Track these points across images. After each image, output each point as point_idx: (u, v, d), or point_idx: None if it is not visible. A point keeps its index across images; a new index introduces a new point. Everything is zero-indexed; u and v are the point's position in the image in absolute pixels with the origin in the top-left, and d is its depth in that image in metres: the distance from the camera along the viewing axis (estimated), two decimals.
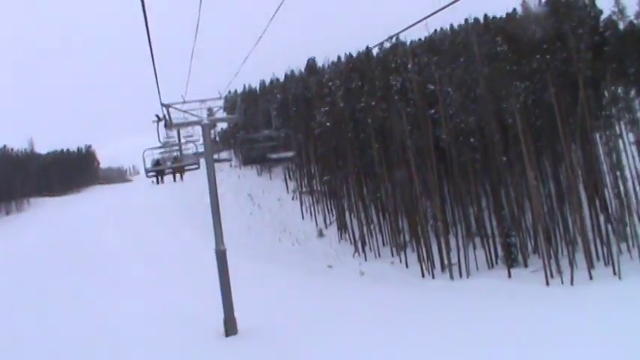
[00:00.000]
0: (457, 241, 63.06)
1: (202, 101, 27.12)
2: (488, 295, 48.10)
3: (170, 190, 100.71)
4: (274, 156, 26.85)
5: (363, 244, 76.34)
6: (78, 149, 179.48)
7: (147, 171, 29.32)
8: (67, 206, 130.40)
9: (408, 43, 72.26)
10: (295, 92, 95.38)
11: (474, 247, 62.78)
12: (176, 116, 27.84)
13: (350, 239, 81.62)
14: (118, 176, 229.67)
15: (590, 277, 50.54)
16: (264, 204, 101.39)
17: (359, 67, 76.69)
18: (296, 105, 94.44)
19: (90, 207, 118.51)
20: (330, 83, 79.82)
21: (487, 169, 63.02)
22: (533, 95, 54.84)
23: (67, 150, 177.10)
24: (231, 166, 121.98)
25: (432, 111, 64.82)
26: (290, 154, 30.75)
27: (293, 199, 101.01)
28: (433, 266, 62.47)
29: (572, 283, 50.08)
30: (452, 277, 58.98)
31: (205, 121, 24.53)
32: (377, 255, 74.64)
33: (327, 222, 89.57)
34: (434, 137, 63.22)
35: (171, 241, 78.94)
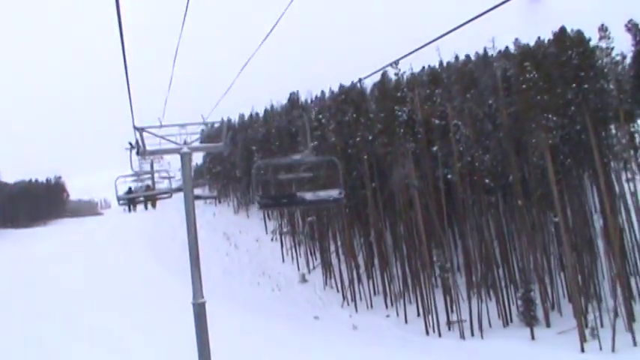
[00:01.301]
0: (462, 294, 54.30)
1: (182, 126, 20.77)
2: None
3: (142, 222, 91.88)
4: (313, 196, 14.97)
5: (353, 292, 67.07)
6: (47, 180, 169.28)
7: (119, 199, 26.11)
8: (31, 240, 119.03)
9: (407, 73, 63.85)
10: (279, 125, 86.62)
11: (481, 300, 53.68)
12: (152, 142, 21.87)
13: (336, 286, 72.32)
14: (88, 209, 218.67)
15: (634, 343, 41.86)
16: (242, 244, 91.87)
17: (354, 99, 68.32)
18: (279, 140, 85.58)
19: (56, 243, 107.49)
20: (320, 116, 71.23)
21: (497, 212, 54.45)
22: (561, 130, 46.60)
23: (36, 180, 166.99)
24: (205, 202, 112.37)
25: (435, 147, 56.79)
26: (336, 193, 16.14)
27: (273, 240, 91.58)
28: (437, 322, 53.39)
29: (613, 349, 41.34)
30: (462, 337, 50.03)
31: (185, 149, 18.38)
32: (369, 305, 65.31)
33: (311, 266, 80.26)
34: (439, 177, 54.94)
35: (142, 284, 69.46)
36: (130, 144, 22.93)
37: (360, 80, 71.46)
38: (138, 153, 20.65)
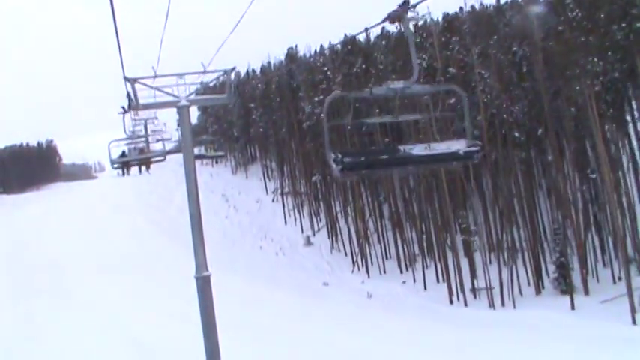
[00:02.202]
0: (487, 259, 48.96)
1: (180, 75, 18.55)
2: (559, 336, 34.25)
3: (137, 186, 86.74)
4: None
5: (364, 256, 61.65)
6: (38, 144, 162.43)
7: (112, 162, 27.50)
8: (23, 206, 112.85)
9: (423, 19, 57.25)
10: (280, 81, 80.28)
11: (509, 266, 48.18)
12: (145, 96, 19.38)
13: (344, 249, 66.84)
14: (82, 173, 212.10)
15: None
16: (241, 206, 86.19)
17: (363, 48, 62.09)
18: (280, 95, 79.36)
19: (48, 208, 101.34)
20: (326, 68, 64.99)
21: (526, 169, 48.79)
22: (603, 76, 40.66)
23: (27, 144, 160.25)
24: (202, 163, 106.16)
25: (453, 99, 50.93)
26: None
27: (273, 200, 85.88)
28: (463, 290, 48.08)
29: None
30: (492, 305, 44.75)
31: (183, 102, 16.88)
32: (381, 270, 59.85)
33: (315, 228, 74.78)
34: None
35: (137, 250, 64.69)
36: (123, 108, 23.71)
37: (366, 29, 65.71)
38: (130, 107, 19.18)
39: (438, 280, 52.31)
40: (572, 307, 40.74)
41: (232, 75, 18.60)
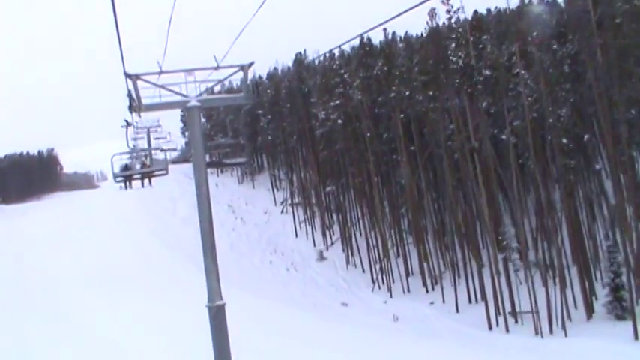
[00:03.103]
0: (528, 279, 43.39)
1: (189, 71, 15.21)
2: None
3: (139, 198, 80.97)
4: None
5: (387, 273, 56.06)
6: (39, 153, 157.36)
7: (115, 176, 25.13)
8: (22, 217, 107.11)
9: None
10: (290, 87, 74.96)
11: (542, 285, 42.56)
12: (150, 94, 16.06)
13: (361, 265, 61.34)
14: (84, 182, 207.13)
15: None
16: (249, 218, 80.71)
17: (384, 50, 56.71)
18: (291, 101, 73.98)
19: (48, 219, 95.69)
20: (342, 71, 59.59)
21: (570, 179, 43.17)
22: None
23: (27, 153, 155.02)
24: (221, 171, 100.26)
25: (485, 103, 45.73)
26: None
27: (283, 212, 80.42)
28: (500, 313, 42.47)
29: None
30: (539, 333, 39.08)
31: (193, 102, 14.02)
32: (404, 289, 54.23)
33: (328, 241, 69.30)
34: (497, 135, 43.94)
35: (139, 266, 59.46)
36: (126, 121, 22.46)
37: (385, 31, 60.57)
38: (131, 108, 15.81)
39: (470, 301, 46.86)
40: (637, 337, 35.01)
41: (250, 71, 15.14)
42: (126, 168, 27.44)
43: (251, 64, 14.66)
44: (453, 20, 43.99)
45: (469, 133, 43.41)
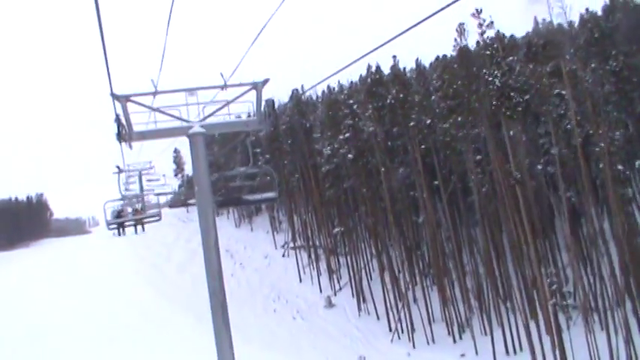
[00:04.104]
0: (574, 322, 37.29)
1: (191, 91, 12.56)
2: None
3: (132, 244, 75.46)
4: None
5: (408, 320, 49.61)
6: (28, 198, 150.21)
7: (108, 223, 24.43)
8: (10, 264, 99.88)
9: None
10: (290, 121, 69.25)
11: (600, 332, 36.53)
12: (143, 121, 13.07)
13: (375, 312, 54.88)
14: (75, 228, 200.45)
15: None
16: (248, 263, 74.41)
17: (398, 76, 51.09)
18: (291, 137, 68.22)
19: (37, 267, 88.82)
20: (351, 101, 53.94)
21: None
22: None
23: (16, 199, 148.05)
24: (238, 213, 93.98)
25: (510, 131, 40.00)
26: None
27: (284, 255, 74.12)
28: None
29: None
30: None
31: (197, 128, 11.81)
32: (428, 339, 47.75)
33: (336, 286, 62.93)
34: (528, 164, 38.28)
35: (133, 316, 53.58)
36: (118, 167, 22.98)
37: (394, 58, 55.52)
38: (120, 137, 12.31)
39: (508, 352, 40.69)
40: None
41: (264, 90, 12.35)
42: (119, 214, 26.71)
43: (266, 81, 11.72)
44: (485, 36, 38.34)
45: (509, 163, 37.50)
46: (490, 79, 36.10)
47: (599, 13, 52.03)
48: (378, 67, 54.32)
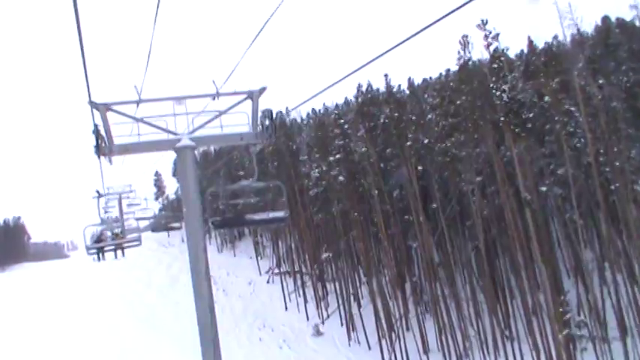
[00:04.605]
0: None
1: (179, 100, 11.38)
2: None
3: (112, 269, 71.87)
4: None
5: (395, 350, 46.60)
6: (4, 221, 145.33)
7: (87, 248, 22.67)
8: None
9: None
10: (277, 142, 66.56)
11: None
12: (125, 133, 11.61)
13: (366, 341, 51.81)
14: (53, 252, 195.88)
15: None
16: (232, 289, 71.05)
17: (392, 93, 48.59)
18: (277, 160, 65.48)
19: (12, 294, 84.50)
20: (342, 121, 51.32)
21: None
22: None
23: None
24: (220, 238, 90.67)
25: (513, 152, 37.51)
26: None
27: (269, 282, 71.02)
28: None
29: None
30: None
31: (186, 141, 10.61)
32: None
33: (324, 314, 59.84)
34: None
35: (112, 347, 50.19)
36: (98, 192, 23.28)
37: (386, 77, 52.99)
38: (99, 151, 11.03)
39: None
40: None
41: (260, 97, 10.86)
42: (98, 239, 25.37)
43: (263, 90, 10.50)
44: (491, 48, 35.83)
45: (516, 183, 34.96)
46: (498, 93, 33.55)
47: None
48: (369, 86, 51.95)
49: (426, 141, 42.09)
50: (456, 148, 38.49)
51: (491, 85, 34.36)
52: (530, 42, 50.11)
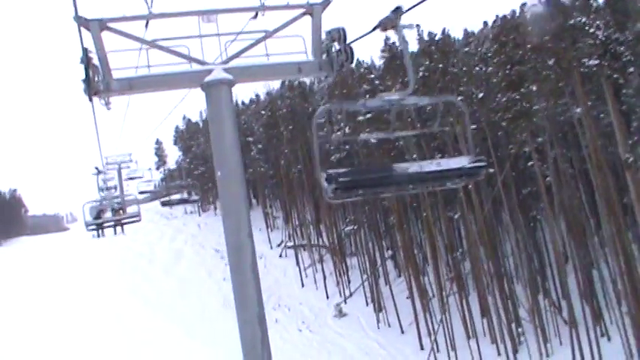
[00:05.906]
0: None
1: (207, 14, 7.41)
2: None
3: (112, 243, 65.72)
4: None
5: (434, 333, 39.93)
6: (0, 193, 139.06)
7: (87, 224, 22.38)
8: None
9: None
10: (292, 104, 59.69)
11: None
12: (129, 65, 7.67)
13: (398, 322, 45.23)
14: (53, 224, 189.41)
15: None
16: None
17: (432, 43, 41.38)
18: (293, 123, 58.57)
19: (7, 270, 78.10)
20: (373, 75, 44.29)
21: None
22: None
23: None
24: (203, 210, 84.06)
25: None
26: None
27: (281, 256, 64.47)
28: None
29: None
30: None
31: (219, 73, 7.01)
32: (473, 356, 38.27)
33: (345, 292, 53.32)
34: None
35: (114, 326, 45.03)
36: (97, 169, 22.60)
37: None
38: (90, 89, 7.38)
39: None
40: None
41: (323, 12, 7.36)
42: (98, 214, 23.96)
43: (327, 2, 7.18)
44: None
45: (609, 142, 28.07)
46: (592, 30, 26.38)
47: None
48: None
49: (480, 95, 35.01)
50: (527, 101, 31.31)
51: (584, 19, 27.12)
52: None
